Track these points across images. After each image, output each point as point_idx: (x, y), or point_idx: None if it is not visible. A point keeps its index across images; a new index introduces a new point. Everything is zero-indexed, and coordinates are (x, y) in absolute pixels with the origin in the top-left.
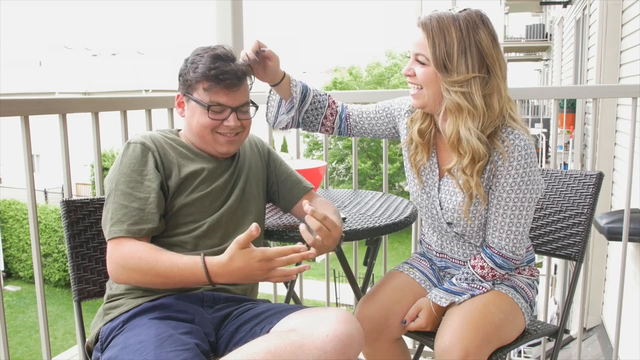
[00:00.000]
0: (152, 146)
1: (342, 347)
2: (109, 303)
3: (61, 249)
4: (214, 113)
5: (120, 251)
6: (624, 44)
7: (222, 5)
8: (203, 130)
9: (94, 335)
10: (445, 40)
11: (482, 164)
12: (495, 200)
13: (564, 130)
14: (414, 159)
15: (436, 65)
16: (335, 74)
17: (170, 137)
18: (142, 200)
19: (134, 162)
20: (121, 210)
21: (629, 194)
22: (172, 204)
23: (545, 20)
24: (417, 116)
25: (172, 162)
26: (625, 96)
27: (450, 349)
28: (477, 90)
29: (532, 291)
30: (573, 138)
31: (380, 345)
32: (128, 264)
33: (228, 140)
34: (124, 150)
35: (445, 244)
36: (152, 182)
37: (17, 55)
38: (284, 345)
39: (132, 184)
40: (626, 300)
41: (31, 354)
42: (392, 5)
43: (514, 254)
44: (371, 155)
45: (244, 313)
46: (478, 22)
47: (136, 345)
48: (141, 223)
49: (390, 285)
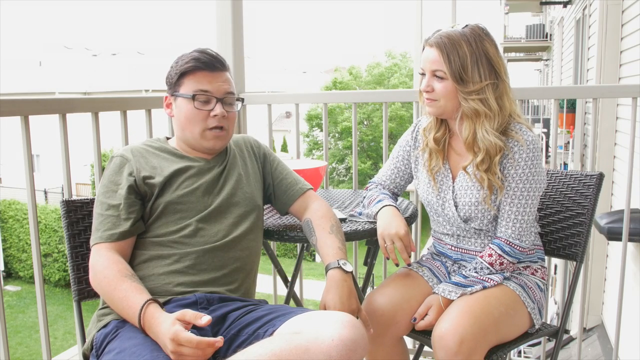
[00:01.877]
0: (130, 156)
1: (347, 352)
2: (102, 310)
3: (61, 249)
4: (200, 103)
5: (95, 258)
6: (624, 44)
7: (222, 5)
8: (191, 123)
9: (89, 342)
10: (459, 54)
11: (499, 158)
12: (504, 191)
13: (564, 130)
14: (429, 164)
15: (453, 78)
16: (335, 74)
17: (155, 146)
18: (114, 207)
19: (112, 173)
20: (98, 219)
21: (629, 194)
22: (158, 203)
23: (545, 20)
24: (430, 126)
25: (154, 166)
26: (625, 96)
27: (445, 335)
28: (490, 95)
29: (541, 293)
30: (573, 138)
31: (384, 342)
32: (96, 278)
33: (215, 135)
34: (108, 162)
35: (462, 241)
36: (122, 188)
37: (17, 55)
38: (289, 349)
39: (108, 194)
40: (626, 300)
41: (31, 354)
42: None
43: (520, 240)
44: (371, 155)
45: (245, 315)
46: (482, 34)
47: (132, 349)
48: (113, 228)
49: (401, 282)
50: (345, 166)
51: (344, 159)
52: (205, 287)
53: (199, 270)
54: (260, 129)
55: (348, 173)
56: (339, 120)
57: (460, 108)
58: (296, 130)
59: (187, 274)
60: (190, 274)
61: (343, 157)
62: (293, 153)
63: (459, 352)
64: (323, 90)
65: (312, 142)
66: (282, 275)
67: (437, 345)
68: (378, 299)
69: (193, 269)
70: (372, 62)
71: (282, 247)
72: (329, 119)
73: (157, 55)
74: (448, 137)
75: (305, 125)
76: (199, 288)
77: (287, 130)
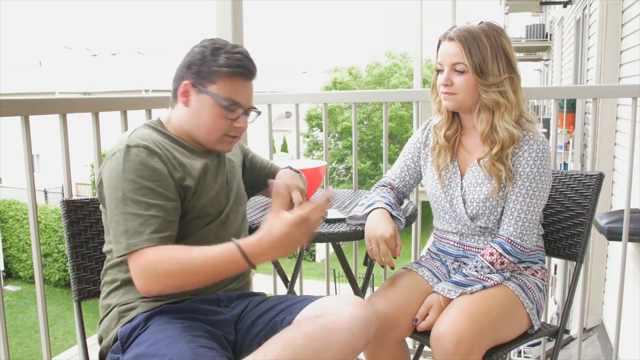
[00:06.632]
0: (158, 150)
1: (365, 328)
2: (124, 306)
3: (61, 249)
4: (229, 112)
5: (145, 261)
6: (624, 44)
7: (222, 5)
8: (211, 126)
9: (111, 339)
10: (479, 47)
11: (511, 149)
12: (510, 188)
13: (564, 130)
14: (436, 160)
15: (474, 71)
16: (335, 74)
17: (162, 133)
18: (157, 207)
19: (141, 167)
20: (136, 220)
21: (629, 194)
22: (193, 206)
23: (545, 20)
24: (441, 123)
25: (182, 163)
26: (625, 96)
27: (443, 335)
28: (508, 88)
29: (540, 294)
30: (573, 138)
31: (386, 344)
32: (158, 270)
33: (230, 141)
34: (124, 154)
35: (466, 238)
36: (165, 188)
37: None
38: (317, 329)
39: (142, 191)
40: (626, 300)
41: (31, 354)
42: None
43: (522, 240)
44: (371, 155)
45: (257, 306)
46: (498, 30)
47: (166, 340)
48: (161, 231)
49: (401, 284)
50: (345, 166)
51: (344, 159)
52: (225, 284)
53: None
54: (260, 129)
55: (348, 173)
56: (339, 120)
57: (478, 101)
58: (296, 130)
59: None
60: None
61: (343, 157)
62: (293, 153)
63: (457, 352)
64: (323, 90)
65: (312, 142)
66: (282, 275)
67: (435, 346)
68: (379, 302)
69: None
70: (372, 62)
71: None
72: (329, 119)
73: (157, 55)
74: (459, 135)
75: (305, 125)
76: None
77: (287, 130)
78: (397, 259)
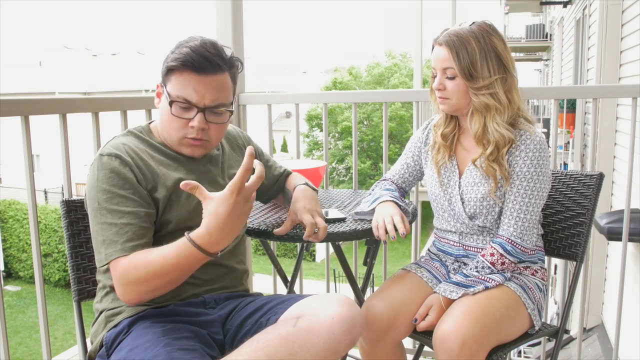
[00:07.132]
0: (129, 160)
1: (347, 328)
2: (111, 311)
3: (61, 249)
4: (179, 109)
5: (119, 271)
6: (624, 44)
7: (222, 5)
8: (169, 126)
9: (97, 343)
10: (468, 51)
11: (507, 149)
12: (508, 187)
13: (564, 130)
14: (435, 157)
15: (463, 75)
16: (335, 74)
17: (144, 140)
18: (131, 214)
19: (113, 175)
20: (112, 230)
21: (629, 194)
22: (167, 219)
23: (545, 20)
24: (440, 122)
25: (156, 173)
26: (625, 96)
27: (448, 337)
28: (500, 89)
29: (540, 294)
30: (573, 138)
31: (383, 346)
32: (129, 279)
33: (191, 143)
34: (98, 164)
35: (466, 238)
36: (138, 195)
37: (17, 56)
38: (295, 331)
39: (116, 200)
40: (626, 300)
41: (31, 354)
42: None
43: (522, 240)
44: (371, 155)
45: (246, 306)
46: (490, 30)
47: (145, 344)
48: (135, 239)
49: (400, 286)
50: (345, 166)
51: (344, 159)
52: (211, 287)
53: (204, 280)
54: (260, 129)
55: (348, 173)
56: (339, 120)
57: (470, 104)
58: (296, 130)
59: (194, 285)
60: (196, 284)
61: (343, 157)
62: (293, 153)
63: (462, 353)
64: (323, 90)
65: (312, 142)
66: (282, 275)
67: (439, 347)
68: (377, 304)
69: (199, 279)
70: (372, 62)
71: (282, 247)
72: (329, 119)
73: (157, 55)
74: (457, 134)
75: (305, 125)
76: (206, 288)
77: (287, 130)
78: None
